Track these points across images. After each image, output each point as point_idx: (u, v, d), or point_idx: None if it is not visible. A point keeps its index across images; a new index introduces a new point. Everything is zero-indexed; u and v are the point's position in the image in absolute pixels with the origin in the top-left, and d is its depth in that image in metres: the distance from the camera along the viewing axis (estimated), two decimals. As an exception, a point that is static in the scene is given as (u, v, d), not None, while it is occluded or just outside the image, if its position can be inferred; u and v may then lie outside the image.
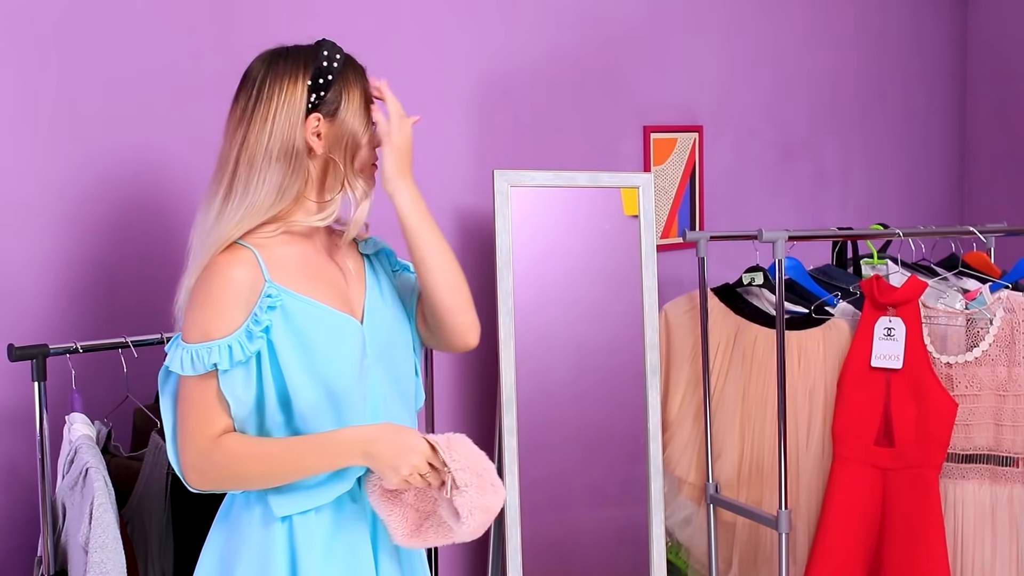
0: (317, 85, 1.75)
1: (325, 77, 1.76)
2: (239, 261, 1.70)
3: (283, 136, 1.73)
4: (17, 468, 2.25)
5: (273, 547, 1.73)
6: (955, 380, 2.70)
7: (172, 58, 2.43)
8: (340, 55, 1.79)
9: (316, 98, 1.75)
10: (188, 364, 1.68)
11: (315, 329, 1.72)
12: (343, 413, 1.74)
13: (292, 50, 1.80)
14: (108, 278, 2.36)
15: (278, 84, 1.75)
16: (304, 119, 1.74)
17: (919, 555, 2.69)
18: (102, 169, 2.35)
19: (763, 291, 3.04)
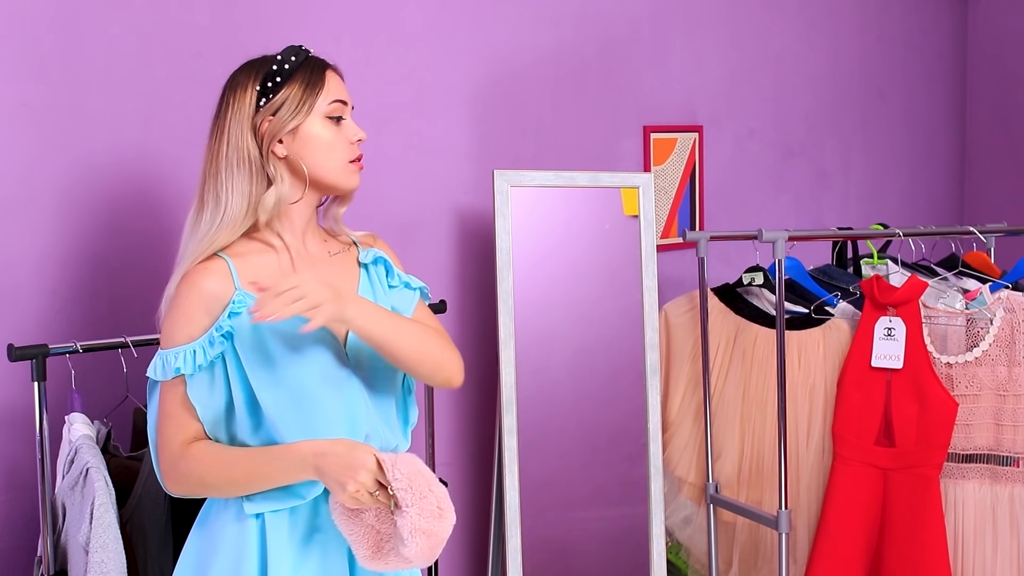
0: (265, 89, 1.77)
1: (273, 79, 1.77)
2: (209, 271, 1.75)
3: (237, 144, 1.76)
4: (17, 468, 2.25)
5: (246, 543, 1.75)
6: (955, 380, 2.70)
7: (172, 57, 2.43)
8: (296, 56, 1.79)
9: (265, 100, 1.77)
10: (160, 369, 1.74)
11: (280, 336, 1.73)
12: (312, 422, 1.73)
13: (258, 59, 1.82)
14: (108, 278, 2.36)
15: (232, 94, 1.80)
16: (251, 123, 1.77)
17: (920, 555, 2.69)
18: (102, 169, 2.35)
19: (763, 291, 3.04)
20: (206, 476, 1.73)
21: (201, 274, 1.74)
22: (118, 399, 2.20)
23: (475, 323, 2.97)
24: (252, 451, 1.73)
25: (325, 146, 1.80)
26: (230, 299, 1.73)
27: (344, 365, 1.78)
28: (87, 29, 2.32)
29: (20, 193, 2.25)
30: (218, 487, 1.75)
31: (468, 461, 2.98)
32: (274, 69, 1.78)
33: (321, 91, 1.79)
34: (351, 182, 1.84)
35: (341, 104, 1.81)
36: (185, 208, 2.44)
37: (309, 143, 1.79)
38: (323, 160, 1.80)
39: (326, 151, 1.80)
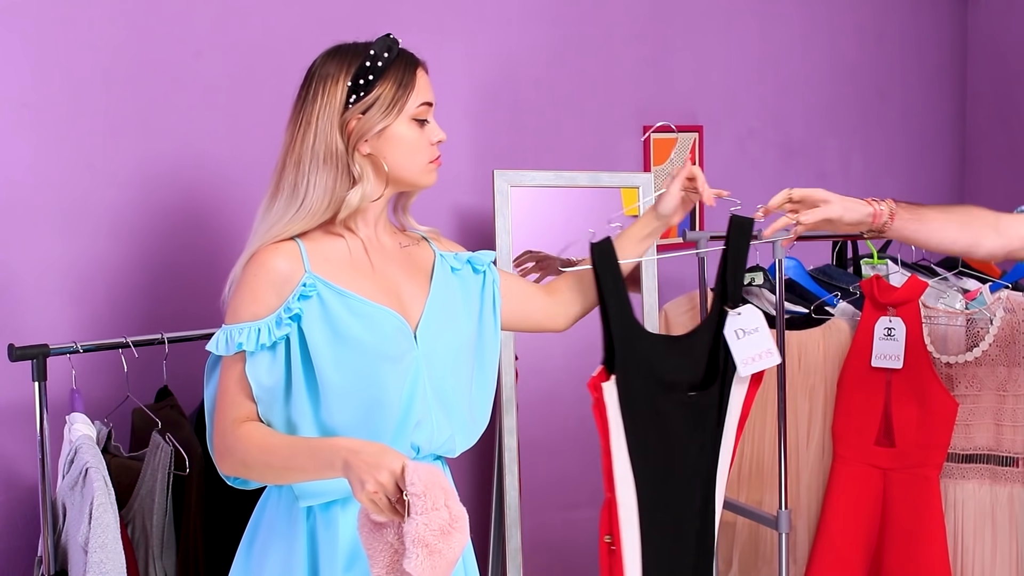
0: (357, 85, 1.76)
1: (366, 77, 1.77)
2: (281, 251, 1.75)
3: (325, 138, 1.76)
4: (17, 468, 2.25)
5: (297, 537, 1.76)
6: (955, 380, 2.70)
7: (173, 57, 2.43)
8: (389, 52, 1.79)
9: (356, 98, 1.76)
10: (222, 344, 1.74)
11: (350, 319, 1.74)
12: (370, 402, 1.74)
13: (348, 47, 1.81)
14: (109, 278, 2.37)
15: (321, 84, 1.78)
16: (340, 119, 1.76)
17: (920, 555, 2.69)
18: (103, 169, 2.35)
19: (763, 291, 3.04)
20: (248, 457, 1.72)
21: (272, 254, 1.74)
22: (118, 399, 2.20)
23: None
24: (294, 440, 1.72)
25: (409, 148, 1.80)
26: (299, 281, 1.73)
27: (410, 349, 1.79)
28: (87, 29, 2.32)
29: (20, 193, 2.25)
30: (258, 471, 1.74)
31: (468, 461, 2.98)
32: (367, 66, 1.77)
33: (412, 92, 1.79)
34: (429, 180, 1.85)
35: (427, 106, 1.82)
36: (187, 207, 2.45)
37: (393, 143, 1.79)
38: (406, 161, 1.81)
39: (410, 153, 1.80)
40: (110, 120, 2.35)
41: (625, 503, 2.03)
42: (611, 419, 2.00)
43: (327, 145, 1.75)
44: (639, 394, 2.03)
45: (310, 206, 1.75)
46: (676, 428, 2.07)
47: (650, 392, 2.03)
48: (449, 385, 1.84)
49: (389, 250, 1.87)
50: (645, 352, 2.05)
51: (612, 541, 1.96)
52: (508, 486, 2.73)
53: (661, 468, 2.07)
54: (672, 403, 2.05)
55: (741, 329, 2.04)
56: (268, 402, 1.75)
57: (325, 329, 1.73)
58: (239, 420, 1.74)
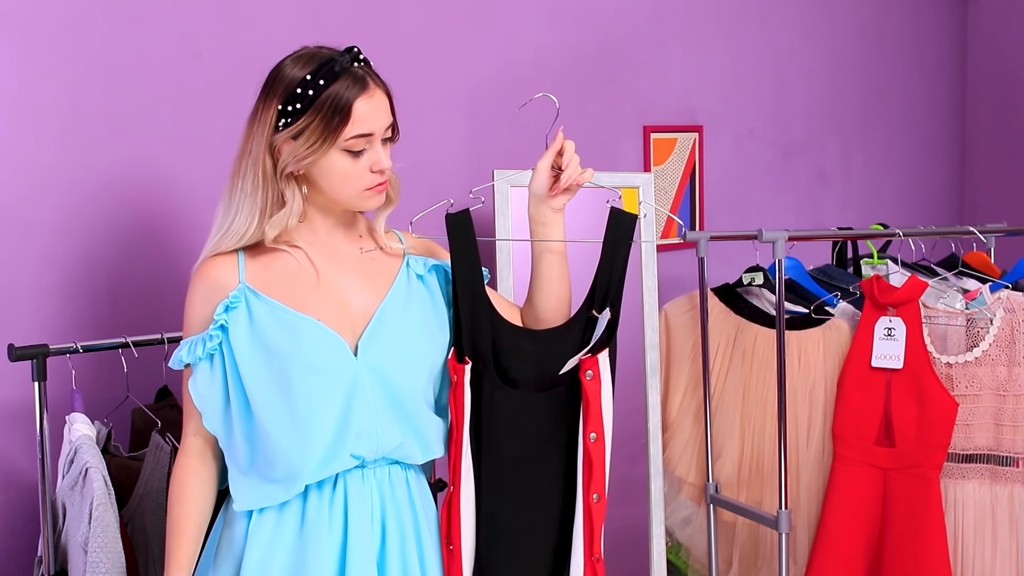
0: (286, 111, 1.73)
1: (295, 104, 1.73)
2: (216, 263, 1.78)
3: (255, 156, 1.75)
4: (17, 468, 2.25)
5: (239, 540, 1.79)
6: (955, 380, 2.70)
7: (173, 58, 2.43)
8: (326, 79, 1.72)
9: (284, 123, 1.73)
10: (174, 359, 1.81)
11: (275, 330, 1.74)
12: (299, 417, 1.73)
13: (300, 57, 1.78)
14: (109, 278, 2.37)
15: (262, 100, 1.77)
16: (271, 142, 1.74)
17: (920, 555, 2.69)
18: (103, 169, 2.35)
19: (763, 291, 3.04)
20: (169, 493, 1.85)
21: (207, 266, 1.78)
22: (118, 399, 2.20)
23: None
24: (172, 525, 1.81)
25: (339, 178, 1.76)
26: (230, 293, 1.75)
27: (345, 361, 1.77)
28: (87, 29, 2.32)
29: (20, 193, 2.25)
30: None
31: (468, 461, 2.98)
32: (298, 92, 1.72)
33: (344, 127, 1.72)
34: (367, 205, 1.82)
35: (363, 138, 1.75)
36: (186, 207, 2.45)
37: (324, 171, 1.76)
38: (336, 188, 1.77)
39: (340, 182, 1.77)
40: (110, 121, 2.35)
41: (466, 501, 1.86)
42: (465, 407, 1.84)
43: (255, 162, 1.75)
44: (487, 386, 1.87)
45: (236, 227, 1.76)
46: (526, 427, 1.90)
47: (497, 386, 1.87)
48: (405, 394, 1.81)
49: (345, 257, 1.85)
50: (497, 342, 1.89)
51: (451, 541, 1.87)
52: (508, 486, 2.73)
53: (508, 468, 1.90)
54: (520, 401, 1.89)
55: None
56: (210, 413, 1.77)
57: (251, 340, 1.74)
58: (189, 433, 1.82)
